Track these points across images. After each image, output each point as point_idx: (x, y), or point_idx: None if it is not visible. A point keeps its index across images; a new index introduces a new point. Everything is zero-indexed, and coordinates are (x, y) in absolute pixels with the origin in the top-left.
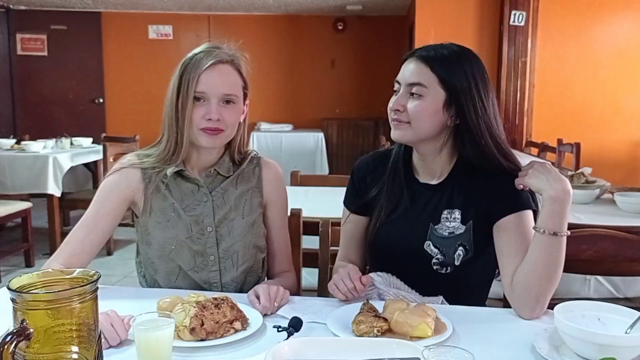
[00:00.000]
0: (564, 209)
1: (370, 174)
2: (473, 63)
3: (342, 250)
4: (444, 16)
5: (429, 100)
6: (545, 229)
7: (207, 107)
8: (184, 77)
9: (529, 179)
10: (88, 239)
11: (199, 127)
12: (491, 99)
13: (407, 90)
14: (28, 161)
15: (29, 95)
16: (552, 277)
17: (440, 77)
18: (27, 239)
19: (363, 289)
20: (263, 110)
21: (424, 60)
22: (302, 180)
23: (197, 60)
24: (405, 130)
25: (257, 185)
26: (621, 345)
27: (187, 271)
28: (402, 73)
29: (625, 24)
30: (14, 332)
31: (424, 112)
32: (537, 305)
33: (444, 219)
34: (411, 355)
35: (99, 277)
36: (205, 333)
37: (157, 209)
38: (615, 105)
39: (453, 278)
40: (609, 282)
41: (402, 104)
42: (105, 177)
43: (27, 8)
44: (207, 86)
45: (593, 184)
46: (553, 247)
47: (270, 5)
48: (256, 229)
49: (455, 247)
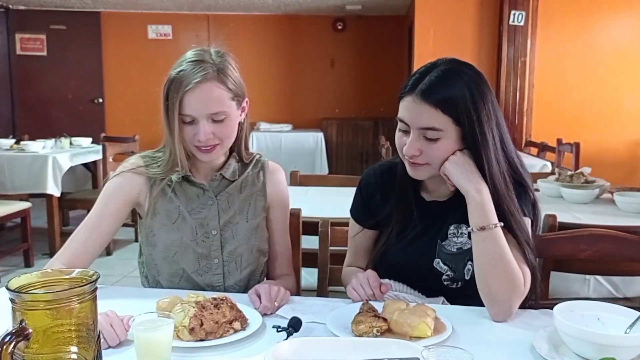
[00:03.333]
0: (484, 202)
1: (379, 190)
2: (475, 84)
3: (350, 258)
4: (443, 16)
5: (447, 141)
6: (473, 227)
7: (196, 128)
8: (169, 98)
9: (453, 174)
10: (91, 239)
11: (192, 144)
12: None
13: (420, 134)
14: (27, 161)
15: (28, 95)
16: (497, 272)
17: (453, 117)
18: (26, 239)
19: (382, 297)
20: (263, 110)
21: (431, 101)
22: (301, 180)
23: (179, 81)
24: (424, 170)
25: (261, 189)
26: (621, 345)
27: (190, 274)
28: (409, 114)
29: (625, 23)
30: (13, 332)
31: (444, 153)
32: (498, 306)
33: (451, 234)
34: (411, 356)
35: (98, 277)
36: (204, 333)
37: (162, 211)
38: (614, 105)
39: (463, 291)
40: (608, 282)
41: (418, 148)
42: (110, 178)
43: (27, 8)
44: (192, 109)
45: (592, 183)
46: (486, 241)
47: (269, 5)
48: (260, 232)
49: (465, 263)
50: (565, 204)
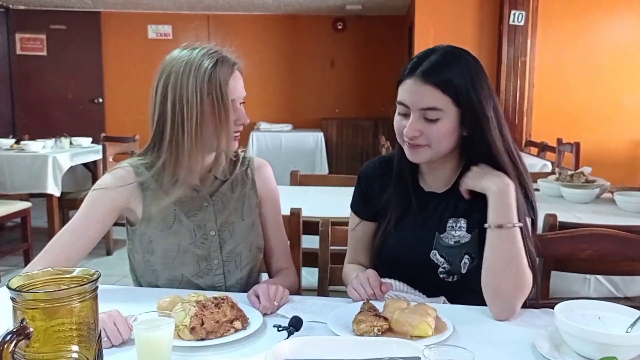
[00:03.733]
0: (506, 200)
1: (377, 180)
2: (473, 67)
3: (350, 253)
4: (443, 16)
5: (447, 121)
6: (491, 224)
7: (237, 113)
8: (214, 91)
9: (469, 180)
10: (76, 245)
11: (232, 131)
12: (494, 100)
13: (421, 115)
14: (27, 161)
15: (28, 95)
16: (509, 272)
17: (453, 97)
18: (26, 239)
19: (382, 296)
20: (263, 110)
21: (431, 82)
22: (301, 180)
23: (219, 71)
24: (424, 152)
25: (251, 186)
26: (622, 344)
27: (190, 277)
28: (410, 96)
29: (625, 23)
30: (14, 331)
31: (444, 134)
32: (502, 304)
33: (450, 227)
34: (411, 355)
35: (99, 276)
36: (205, 332)
37: (157, 216)
38: (614, 104)
39: (460, 285)
40: (609, 282)
41: (418, 129)
42: (98, 184)
43: (27, 8)
44: (235, 94)
45: (593, 183)
46: (502, 240)
47: (269, 5)
48: (256, 229)
49: (461, 256)
50: (565, 203)
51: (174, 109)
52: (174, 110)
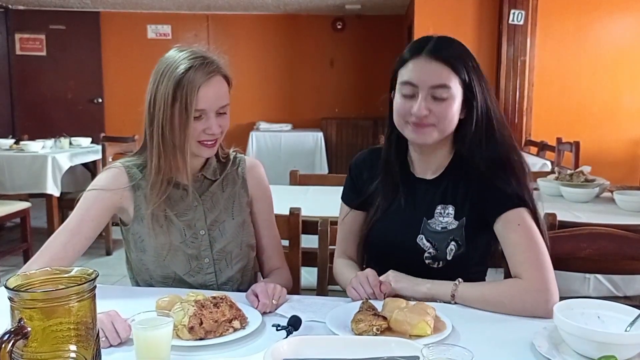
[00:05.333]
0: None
1: (367, 169)
2: (470, 54)
3: (340, 245)
4: (443, 15)
5: (453, 102)
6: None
7: (207, 122)
8: (182, 97)
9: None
10: (71, 244)
11: (198, 139)
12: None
13: (429, 93)
14: (27, 161)
15: (28, 95)
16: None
17: (461, 76)
18: (26, 239)
19: (382, 296)
20: (262, 109)
21: (441, 58)
22: (301, 179)
23: (191, 78)
24: (431, 132)
25: (242, 185)
26: (621, 343)
27: (182, 276)
28: (419, 74)
29: (624, 23)
30: (12, 330)
31: (453, 113)
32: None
33: (438, 214)
34: (410, 354)
35: (97, 276)
36: (204, 332)
37: (148, 216)
38: (614, 103)
39: (445, 272)
40: (608, 281)
41: (429, 107)
42: (92, 184)
43: (26, 8)
44: (206, 103)
45: (592, 182)
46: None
47: (269, 4)
48: (247, 228)
49: (448, 242)
50: (565, 202)
51: (149, 110)
52: (149, 111)
